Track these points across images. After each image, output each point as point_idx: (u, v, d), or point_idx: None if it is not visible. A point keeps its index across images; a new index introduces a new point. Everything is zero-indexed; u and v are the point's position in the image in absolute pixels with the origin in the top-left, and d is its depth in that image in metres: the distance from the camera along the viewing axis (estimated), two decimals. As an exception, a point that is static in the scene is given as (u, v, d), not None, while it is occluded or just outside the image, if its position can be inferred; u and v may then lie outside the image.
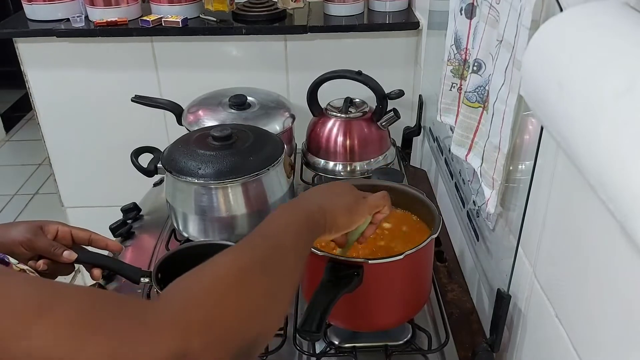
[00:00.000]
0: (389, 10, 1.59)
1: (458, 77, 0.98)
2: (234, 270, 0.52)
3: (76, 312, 0.42)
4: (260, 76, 1.57)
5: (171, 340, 0.43)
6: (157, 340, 0.42)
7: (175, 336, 0.43)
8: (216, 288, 0.49)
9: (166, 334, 0.43)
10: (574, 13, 0.45)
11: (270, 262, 0.55)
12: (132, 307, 0.45)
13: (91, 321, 0.42)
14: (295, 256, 0.59)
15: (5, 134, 3.65)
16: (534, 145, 0.67)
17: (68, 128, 1.71)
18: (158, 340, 0.42)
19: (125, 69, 1.63)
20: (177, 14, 1.54)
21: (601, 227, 0.53)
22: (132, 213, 1.20)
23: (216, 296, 0.48)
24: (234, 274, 0.51)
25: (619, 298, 0.51)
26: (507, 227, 0.79)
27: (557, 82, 0.43)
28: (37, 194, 3.01)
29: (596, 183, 0.40)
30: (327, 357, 0.86)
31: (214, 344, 0.45)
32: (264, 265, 0.54)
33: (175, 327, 0.44)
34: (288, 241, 0.59)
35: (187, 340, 0.43)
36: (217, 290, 0.49)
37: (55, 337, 0.40)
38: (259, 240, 0.58)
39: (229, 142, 1.03)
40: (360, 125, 1.29)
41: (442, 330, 0.90)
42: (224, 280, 0.50)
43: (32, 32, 1.56)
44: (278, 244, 0.58)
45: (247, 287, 0.51)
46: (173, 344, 0.43)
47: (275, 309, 0.54)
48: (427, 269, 0.88)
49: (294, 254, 0.59)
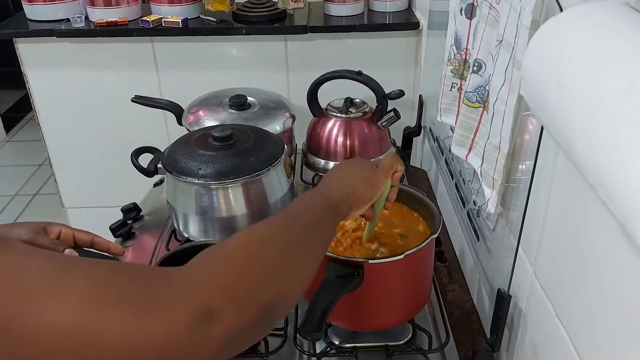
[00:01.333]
0: (389, 11, 1.59)
1: (458, 77, 0.98)
2: (254, 239, 0.54)
3: (97, 284, 0.42)
4: (261, 76, 1.57)
5: (195, 301, 0.43)
6: (181, 303, 0.43)
7: (199, 297, 0.44)
8: (237, 254, 0.51)
9: (190, 296, 0.43)
10: (574, 13, 0.45)
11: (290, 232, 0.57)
12: (155, 275, 0.46)
13: (113, 291, 0.42)
14: (317, 231, 0.61)
15: (6, 134, 3.65)
16: (534, 145, 0.67)
17: (68, 128, 1.71)
18: (182, 303, 0.43)
19: (126, 69, 1.63)
20: (177, 14, 1.54)
21: (601, 227, 0.53)
22: (133, 213, 1.20)
23: (238, 260, 0.50)
24: (255, 241, 0.53)
25: (619, 298, 0.51)
26: (508, 227, 0.79)
27: (557, 82, 0.43)
28: (38, 194, 3.01)
29: (596, 183, 0.40)
30: (327, 357, 0.86)
31: (238, 300, 0.46)
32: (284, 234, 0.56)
33: (199, 290, 0.44)
34: (308, 218, 0.61)
35: (211, 299, 0.44)
36: (238, 256, 0.51)
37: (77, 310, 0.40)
38: (278, 217, 0.60)
39: (229, 143, 1.03)
40: (360, 125, 1.29)
41: (442, 330, 0.90)
42: (245, 247, 0.52)
43: (32, 33, 1.56)
44: (298, 219, 0.60)
45: (268, 249, 0.53)
46: (198, 304, 0.43)
47: (296, 271, 0.55)
48: (428, 269, 0.88)
49: (315, 228, 0.60)
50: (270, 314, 0.50)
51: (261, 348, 0.87)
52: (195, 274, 0.47)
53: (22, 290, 0.40)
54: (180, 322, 0.42)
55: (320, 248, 0.61)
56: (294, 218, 0.60)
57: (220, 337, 0.44)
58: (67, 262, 0.44)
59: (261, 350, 0.86)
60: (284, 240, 0.55)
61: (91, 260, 0.45)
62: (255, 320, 0.47)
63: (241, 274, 0.49)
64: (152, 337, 0.41)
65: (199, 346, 0.43)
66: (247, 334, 0.48)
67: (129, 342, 0.40)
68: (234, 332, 0.45)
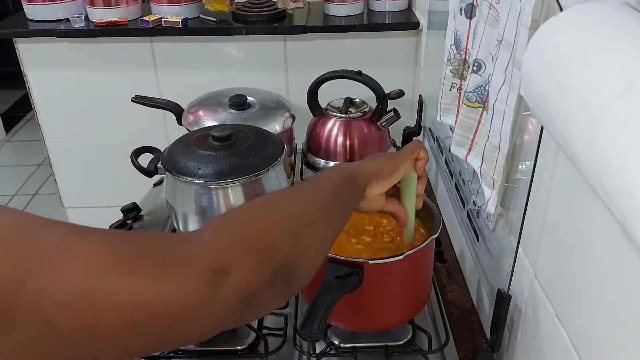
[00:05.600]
0: (389, 10, 1.59)
1: (458, 77, 0.98)
2: (272, 199, 0.53)
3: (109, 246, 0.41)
4: (260, 76, 1.57)
5: (210, 256, 0.42)
6: (195, 260, 0.42)
7: (214, 253, 0.43)
8: (249, 213, 0.50)
9: (204, 253, 0.43)
10: (574, 13, 0.45)
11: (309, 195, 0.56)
12: (168, 237, 0.45)
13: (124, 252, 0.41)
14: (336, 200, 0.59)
15: (5, 134, 3.65)
16: (534, 145, 0.67)
17: (68, 128, 1.71)
18: (196, 260, 0.42)
19: (125, 69, 1.63)
20: (177, 14, 1.54)
21: (601, 227, 0.53)
22: (132, 213, 1.20)
23: (250, 218, 0.49)
24: (272, 200, 0.53)
25: (620, 298, 0.51)
26: (507, 227, 0.79)
27: (557, 82, 0.43)
28: (37, 194, 3.01)
29: (596, 183, 0.40)
30: (327, 357, 0.86)
31: (255, 253, 0.45)
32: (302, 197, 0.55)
33: (212, 247, 0.43)
34: (328, 184, 0.60)
35: (227, 254, 0.43)
36: (251, 214, 0.49)
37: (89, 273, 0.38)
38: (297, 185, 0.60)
39: (229, 142, 1.03)
40: (360, 125, 1.29)
41: (442, 330, 0.90)
42: (257, 207, 0.51)
43: (32, 32, 1.56)
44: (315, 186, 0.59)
45: (286, 209, 0.52)
46: (212, 259, 0.42)
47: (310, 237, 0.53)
48: (427, 269, 0.88)
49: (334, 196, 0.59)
50: (288, 274, 0.48)
51: (261, 348, 0.87)
52: (210, 232, 0.45)
53: (35, 253, 0.38)
54: (194, 279, 0.41)
55: (338, 218, 0.60)
56: (311, 185, 0.59)
57: (237, 293, 0.43)
58: (81, 228, 0.42)
59: (261, 350, 0.86)
60: (302, 203, 0.54)
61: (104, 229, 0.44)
62: (273, 277, 0.46)
63: (259, 228, 0.47)
64: (165, 297, 0.40)
65: (215, 303, 0.41)
66: (263, 293, 0.46)
67: (142, 301, 0.39)
68: (250, 287, 0.44)
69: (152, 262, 0.41)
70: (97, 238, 0.41)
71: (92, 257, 0.39)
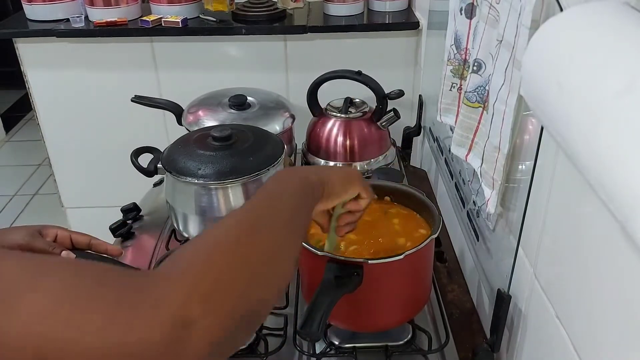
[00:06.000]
0: (389, 10, 1.59)
1: (458, 77, 0.98)
2: (231, 236, 0.50)
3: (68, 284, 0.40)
4: (260, 76, 1.57)
5: (171, 308, 0.41)
6: (157, 309, 0.40)
7: (176, 304, 0.41)
8: (213, 254, 0.47)
9: (166, 302, 0.41)
10: (574, 13, 0.45)
11: (266, 224, 0.54)
12: (130, 277, 0.43)
13: (83, 292, 0.40)
14: (294, 218, 0.58)
15: (5, 134, 3.65)
16: (534, 145, 0.67)
17: (68, 128, 1.71)
18: (157, 309, 0.40)
19: (125, 69, 1.63)
20: (176, 14, 1.54)
21: (601, 227, 0.53)
22: (132, 213, 1.20)
23: (214, 262, 0.47)
24: (230, 239, 0.50)
25: (620, 298, 0.51)
26: (507, 227, 0.79)
27: (557, 82, 0.43)
28: (37, 194, 3.01)
29: (596, 183, 0.40)
30: (327, 357, 0.86)
31: (215, 309, 0.43)
32: (260, 227, 0.53)
33: (175, 295, 0.42)
34: (286, 205, 0.59)
35: (188, 307, 0.42)
36: (215, 257, 0.47)
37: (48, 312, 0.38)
38: (255, 203, 0.57)
39: (228, 143, 1.03)
40: (360, 125, 1.29)
41: (442, 330, 0.90)
42: (221, 246, 0.49)
43: (32, 32, 1.56)
44: (275, 207, 0.57)
45: (245, 250, 0.50)
46: (173, 312, 0.41)
47: (276, 273, 0.52)
48: (427, 269, 0.88)
49: (291, 216, 0.58)
50: (251, 321, 0.48)
51: (261, 348, 0.87)
52: (171, 277, 0.44)
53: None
54: (156, 328, 0.40)
55: (297, 238, 0.58)
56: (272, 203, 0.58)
57: (200, 345, 0.42)
58: (40, 263, 0.42)
59: (261, 350, 0.86)
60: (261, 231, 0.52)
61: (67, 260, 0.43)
62: (236, 329, 0.45)
63: (220, 276, 0.46)
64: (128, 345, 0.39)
65: (178, 353, 0.41)
66: (228, 342, 0.45)
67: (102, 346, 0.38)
68: (213, 340, 0.43)
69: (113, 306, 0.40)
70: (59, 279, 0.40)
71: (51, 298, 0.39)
